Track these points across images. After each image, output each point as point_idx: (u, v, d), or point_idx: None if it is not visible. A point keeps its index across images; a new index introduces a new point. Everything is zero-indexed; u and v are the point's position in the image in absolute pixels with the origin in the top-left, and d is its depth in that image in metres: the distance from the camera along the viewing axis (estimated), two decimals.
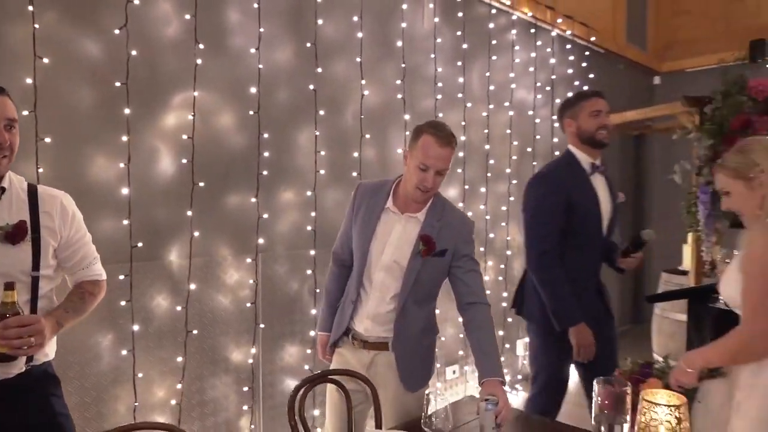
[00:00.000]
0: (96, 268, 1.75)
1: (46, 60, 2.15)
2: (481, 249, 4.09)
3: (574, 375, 2.61)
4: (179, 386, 2.56)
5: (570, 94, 2.88)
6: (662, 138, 5.31)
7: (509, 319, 4.28)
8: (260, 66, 2.79)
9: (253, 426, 2.84)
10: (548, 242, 2.41)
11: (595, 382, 1.60)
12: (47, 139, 2.15)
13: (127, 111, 2.34)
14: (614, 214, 2.55)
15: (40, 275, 1.57)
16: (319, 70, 3.04)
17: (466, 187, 3.95)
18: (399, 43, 3.47)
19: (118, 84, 2.33)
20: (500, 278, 4.30)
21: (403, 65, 3.49)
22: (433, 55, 3.70)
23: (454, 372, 3.98)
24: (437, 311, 2.19)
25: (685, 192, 3.75)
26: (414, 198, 1.97)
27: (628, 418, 1.64)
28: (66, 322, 1.61)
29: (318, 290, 3.05)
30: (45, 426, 1.60)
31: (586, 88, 5.06)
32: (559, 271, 2.40)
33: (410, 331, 2.01)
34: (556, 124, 4.70)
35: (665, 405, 1.61)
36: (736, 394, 1.72)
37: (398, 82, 3.48)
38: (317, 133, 3.05)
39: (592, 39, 5.12)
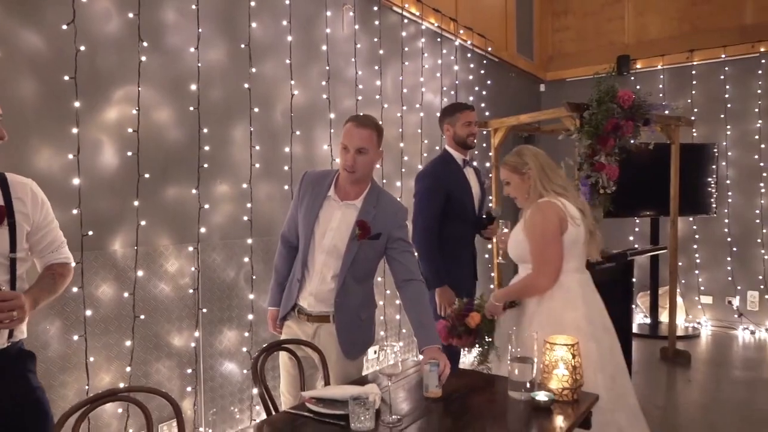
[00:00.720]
0: (64, 251, 1.84)
1: None
2: None
3: None
4: (128, 369, 2.66)
5: (452, 101, 3.34)
6: (548, 138, 6.02)
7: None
8: (199, 64, 2.95)
9: (195, 406, 2.99)
10: (429, 222, 3.04)
11: None
12: None
13: (77, 104, 2.42)
14: (483, 197, 3.33)
15: (17, 257, 1.67)
16: (254, 70, 3.24)
17: (384, 181, 4.30)
18: (324, 47, 3.75)
19: (66, 78, 2.40)
20: None
21: (327, 68, 3.77)
22: (353, 59, 4.01)
23: (375, 353, 4.31)
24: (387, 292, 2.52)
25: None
26: (344, 180, 2.20)
27: (535, 359, 2.07)
28: (41, 300, 1.72)
29: (254, 277, 3.25)
30: (25, 400, 1.70)
31: (484, 93, 5.63)
32: (435, 245, 3.04)
33: (350, 305, 2.24)
34: None
35: (561, 344, 2.07)
36: (524, 318, 2.49)
37: (323, 83, 3.75)
38: (252, 129, 3.25)
39: (489, 49, 5.70)
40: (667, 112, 4.78)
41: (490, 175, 5.15)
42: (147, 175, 2.71)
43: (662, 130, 4.75)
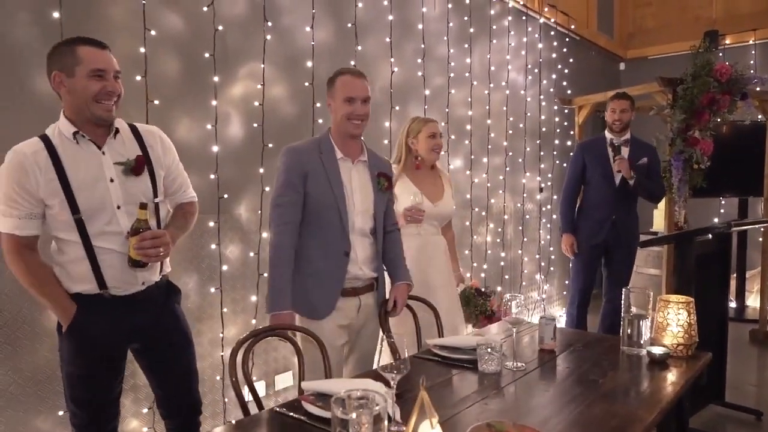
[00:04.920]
0: (190, 191, 2.01)
1: (153, 32, 2.46)
2: (483, 214, 4.58)
3: None
4: (253, 321, 2.93)
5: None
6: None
7: (506, 276, 4.80)
8: (313, 43, 3.15)
9: None
10: (568, 183, 3.80)
11: None
12: (156, 102, 2.47)
13: (216, 79, 2.68)
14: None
15: (159, 202, 1.83)
16: (359, 47, 3.43)
17: (472, 157, 4.42)
18: (420, 26, 3.89)
19: (207, 55, 2.66)
20: (498, 240, 4.81)
21: (423, 46, 3.91)
22: (445, 38, 4.13)
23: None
24: None
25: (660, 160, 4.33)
26: (351, 132, 2.08)
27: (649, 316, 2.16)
28: (176, 238, 1.89)
29: None
30: (174, 327, 1.92)
31: (566, 71, 5.61)
32: (569, 202, 3.83)
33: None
34: (544, 103, 5.25)
35: (675, 302, 2.15)
36: None
37: (419, 60, 3.90)
38: None
39: (572, 27, 5.67)
40: (759, 88, 4.64)
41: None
42: (270, 145, 2.94)
43: (759, 105, 4.62)
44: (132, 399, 2.53)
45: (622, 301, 2.19)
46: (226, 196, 2.76)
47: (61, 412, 2.27)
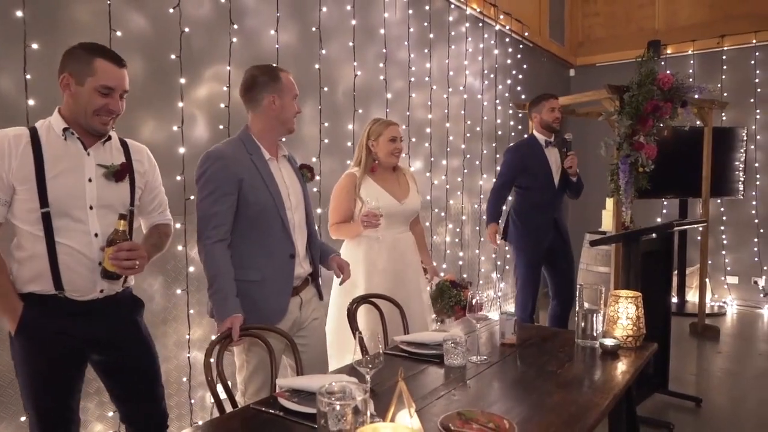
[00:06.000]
0: (168, 213, 2.01)
1: (119, 33, 2.45)
2: (442, 214, 4.71)
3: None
4: None
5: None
6: (580, 121, 6.19)
7: (464, 275, 4.95)
8: (277, 46, 3.19)
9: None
10: (501, 182, 3.83)
11: None
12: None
13: (182, 81, 2.68)
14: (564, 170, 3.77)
15: (133, 211, 1.83)
16: (323, 51, 3.48)
17: (432, 159, 4.54)
18: (381, 31, 3.97)
19: (173, 57, 2.66)
20: (456, 240, 4.95)
21: (384, 50, 4.00)
22: (406, 43, 4.23)
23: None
24: None
25: (607, 163, 4.57)
26: (285, 133, 2.12)
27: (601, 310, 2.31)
28: (151, 255, 1.87)
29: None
30: (137, 340, 1.87)
31: (520, 77, 5.82)
32: (497, 200, 3.87)
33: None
34: (500, 107, 5.43)
35: (625, 297, 2.31)
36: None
37: (380, 65, 3.98)
38: (320, 107, 3.49)
39: (526, 34, 5.88)
40: (697, 96, 4.95)
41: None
42: None
43: (698, 112, 4.93)
44: (96, 402, 2.50)
45: (577, 298, 2.34)
46: (192, 197, 2.75)
47: (23, 418, 2.23)
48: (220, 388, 1.79)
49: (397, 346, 2.20)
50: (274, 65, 2.14)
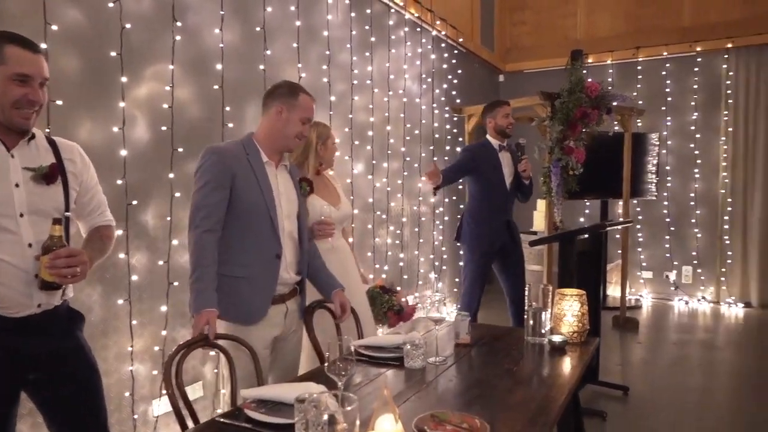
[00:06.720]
0: (108, 214, 1.88)
1: (54, 27, 2.29)
2: (383, 216, 4.75)
3: None
4: (163, 333, 2.81)
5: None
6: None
7: (405, 276, 5.01)
8: (221, 45, 3.09)
9: (215, 370, 3.17)
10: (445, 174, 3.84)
11: None
12: (59, 102, 2.29)
13: (123, 79, 2.54)
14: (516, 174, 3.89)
15: (69, 216, 1.70)
16: (268, 52, 3.41)
17: (374, 162, 4.56)
18: (324, 33, 3.95)
19: (113, 54, 2.52)
20: (397, 242, 5.01)
21: (327, 52, 3.98)
22: (348, 45, 4.23)
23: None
24: None
25: (540, 167, 4.79)
26: (291, 147, 2.16)
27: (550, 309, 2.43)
28: (94, 261, 1.72)
29: None
30: (76, 355, 1.75)
31: (455, 81, 5.98)
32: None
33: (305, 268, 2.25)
34: (437, 111, 5.54)
35: (570, 295, 2.44)
36: None
37: (324, 67, 3.96)
38: None
39: (460, 40, 6.04)
40: (616, 103, 5.30)
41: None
42: (180, 149, 2.85)
43: (620, 119, 5.28)
44: (30, 424, 2.33)
45: (526, 297, 2.45)
46: (135, 202, 2.63)
47: None
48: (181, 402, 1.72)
49: (356, 350, 2.20)
50: (301, 86, 2.18)
